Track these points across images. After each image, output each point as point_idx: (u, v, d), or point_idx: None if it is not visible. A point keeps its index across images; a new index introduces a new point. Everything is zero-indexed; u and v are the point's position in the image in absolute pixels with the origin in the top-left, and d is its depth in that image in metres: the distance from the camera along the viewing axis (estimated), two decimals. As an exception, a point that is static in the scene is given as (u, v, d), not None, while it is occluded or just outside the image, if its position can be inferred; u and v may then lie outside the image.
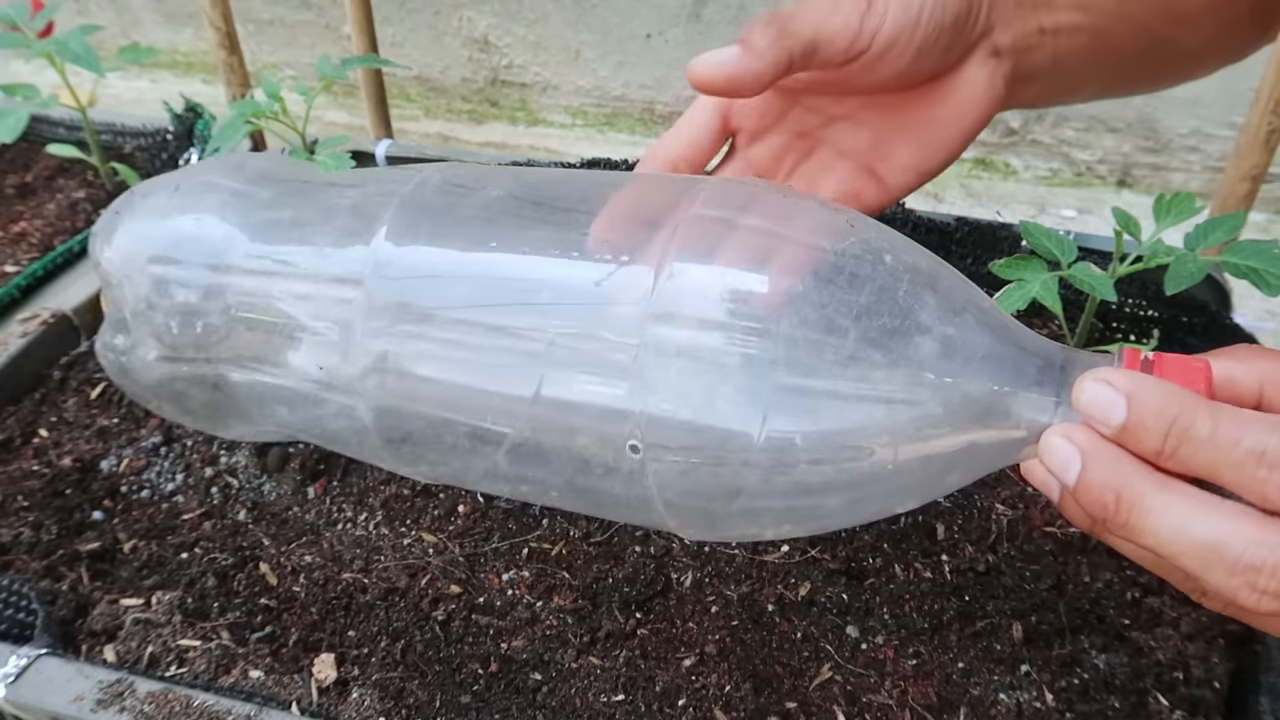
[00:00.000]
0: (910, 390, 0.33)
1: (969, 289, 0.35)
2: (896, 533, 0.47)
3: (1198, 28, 0.54)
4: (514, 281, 0.38)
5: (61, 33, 0.63)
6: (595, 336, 0.36)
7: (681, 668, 0.42)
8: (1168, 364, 0.31)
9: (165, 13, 1.71)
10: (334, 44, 1.63)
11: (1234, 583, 0.28)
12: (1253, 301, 1.13)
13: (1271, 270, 0.43)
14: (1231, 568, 0.28)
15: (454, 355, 0.39)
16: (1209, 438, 0.29)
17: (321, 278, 0.41)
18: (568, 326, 0.36)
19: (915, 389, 0.33)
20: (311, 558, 0.47)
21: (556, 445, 0.37)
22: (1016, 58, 0.49)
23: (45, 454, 0.52)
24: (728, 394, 0.34)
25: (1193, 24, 0.54)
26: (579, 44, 1.55)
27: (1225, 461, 0.28)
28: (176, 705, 0.39)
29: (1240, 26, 0.55)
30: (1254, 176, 0.53)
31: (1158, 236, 0.46)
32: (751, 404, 0.34)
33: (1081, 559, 0.46)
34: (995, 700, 0.41)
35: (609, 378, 0.35)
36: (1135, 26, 0.52)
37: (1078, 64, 0.50)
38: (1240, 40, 0.54)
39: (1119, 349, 0.32)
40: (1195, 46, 0.55)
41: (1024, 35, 0.49)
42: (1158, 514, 0.29)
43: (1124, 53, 0.52)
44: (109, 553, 0.47)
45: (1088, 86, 0.54)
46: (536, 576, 0.46)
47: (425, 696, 0.41)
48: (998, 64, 0.48)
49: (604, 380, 0.36)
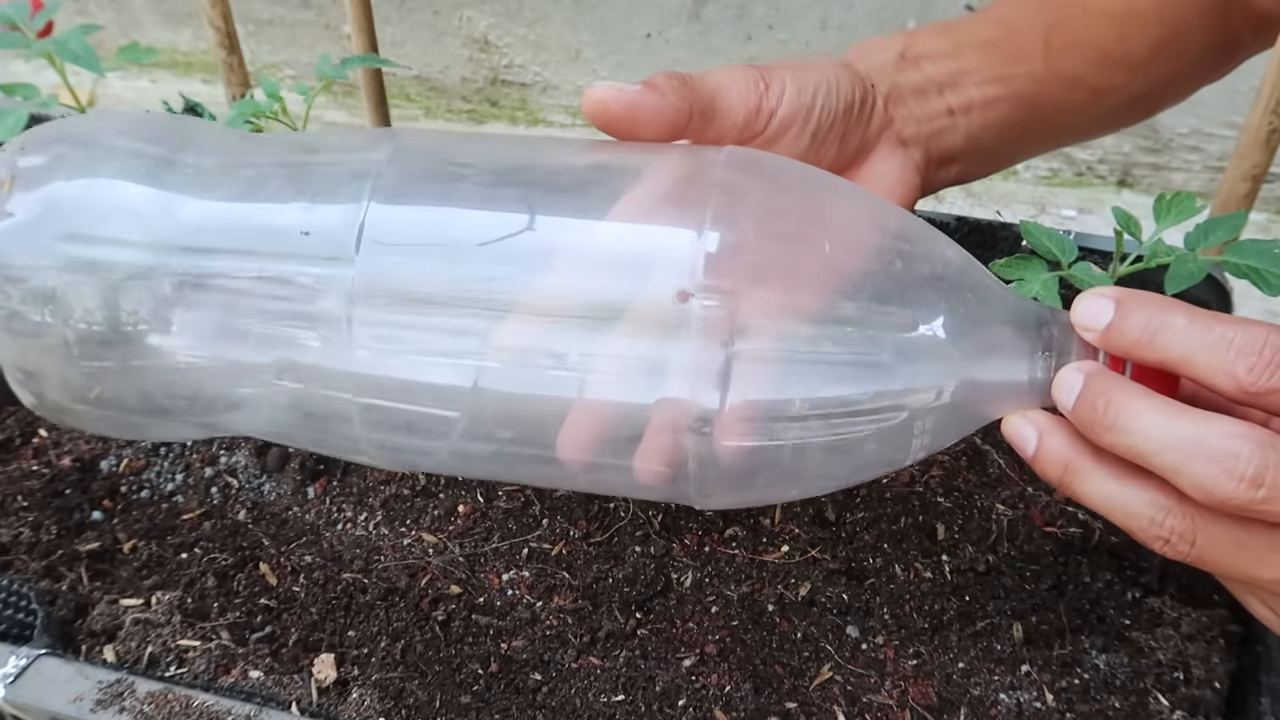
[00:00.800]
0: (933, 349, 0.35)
1: (972, 264, 0.37)
2: (896, 533, 0.47)
3: (1145, 72, 0.54)
4: (540, 254, 0.36)
5: (61, 32, 0.63)
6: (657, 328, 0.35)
7: (681, 668, 0.42)
8: None
9: (165, 12, 1.71)
10: (334, 44, 1.63)
11: (1212, 471, 0.29)
12: (1253, 301, 1.13)
13: (1272, 270, 0.43)
14: (1211, 455, 0.29)
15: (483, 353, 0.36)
16: (1185, 325, 0.31)
17: (295, 256, 0.37)
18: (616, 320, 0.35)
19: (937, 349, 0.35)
20: (311, 558, 0.47)
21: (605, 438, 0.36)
22: (926, 144, 0.48)
23: (45, 454, 0.52)
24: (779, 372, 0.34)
25: (1139, 70, 0.53)
26: (579, 44, 1.55)
27: (1199, 345, 0.31)
28: (176, 705, 0.39)
29: (1198, 64, 0.54)
30: (1254, 176, 0.53)
31: (1158, 236, 0.46)
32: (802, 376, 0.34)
33: (1082, 559, 0.46)
34: (995, 700, 0.41)
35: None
36: (1068, 81, 0.51)
37: (1001, 133, 0.50)
38: (1198, 76, 0.53)
39: None
40: (1145, 90, 0.54)
41: (928, 120, 0.48)
42: (1144, 413, 0.31)
43: (1061, 109, 0.52)
44: (109, 553, 0.47)
45: (1025, 148, 0.53)
46: (536, 576, 0.46)
47: (425, 696, 0.41)
48: (906, 154, 0.48)
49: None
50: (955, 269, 0.36)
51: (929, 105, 0.48)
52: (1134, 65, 0.52)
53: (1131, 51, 0.52)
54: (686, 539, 0.47)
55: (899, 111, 0.47)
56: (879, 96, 0.46)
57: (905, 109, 0.47)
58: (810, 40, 1.49)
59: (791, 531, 0.47)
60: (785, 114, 0.42)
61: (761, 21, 1.49)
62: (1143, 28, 0.52)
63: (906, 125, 0.48)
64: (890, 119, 0.47)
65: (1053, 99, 0.51)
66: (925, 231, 0.37)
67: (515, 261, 0.36)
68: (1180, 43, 0.54)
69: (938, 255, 0.36)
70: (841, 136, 0.45)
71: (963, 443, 0.51)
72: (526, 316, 0.35)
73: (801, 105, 0.42)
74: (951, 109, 0.49)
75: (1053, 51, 0.50)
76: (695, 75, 0.40)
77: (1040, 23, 0.51)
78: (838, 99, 0.43)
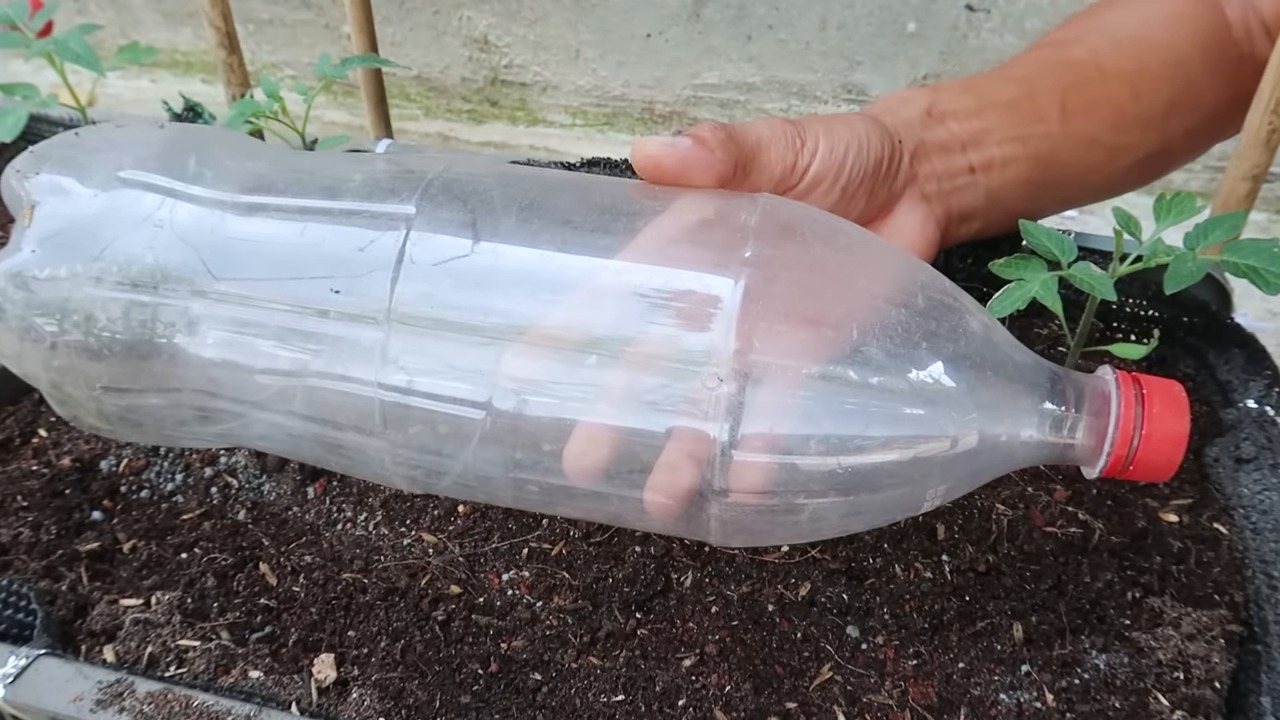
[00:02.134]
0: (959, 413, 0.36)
1: (994, 325, 0.38)
2: (896, 533, 0.47)
3: (1160, 129, 0.55)
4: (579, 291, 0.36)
5: (61, 32, 0.63)
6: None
7: (681, 668, 0.42)
8: (1154, 387, 0.37)
9: (165, 12, 1.71)
10: (334, 44, 1.63)
11: None
12: (1253, 301, 1.13)
13: (1271, 269, 0.43)
14: None
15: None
16: None
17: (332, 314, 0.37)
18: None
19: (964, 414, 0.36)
20: (311, 558, 0.47)
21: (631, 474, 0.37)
22: (947, 200, 0.50)
23: (45, 454, 0.52)
24: (810, 429, 0.35)
25: (1153, 127, 0.55)
26: (579, 44, 1.55)
27: None
28: (176, 705, 0.39)
29: (1212, 120, 0.55)
30: (1254, 176, 0.53)
31: (1158, 236, 0.46)
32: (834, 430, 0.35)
33: (1082, 559, 0.46)
34: (995, 700, 0.41)
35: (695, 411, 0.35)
36: (1085, 141, 0.53)
37: (1019, 191, 0.52)
38: (1213, 132, 0.54)
39: (1112, 374, 0.37)
40: (1160, 148, 0.55)
41: (950, 177, 0.50)
42: None
43: (1079, 168, 0.54)
44: (108, 553, 0.47)
45: (1044, 206, 0.55)
46: (536, 576, 0.46)
47: (425, 696, 0.41)
48: (928, 209, 0.50)
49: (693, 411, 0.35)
50: (977, 327, 0.37)
51: (952, 162, 0.50)
52: (1148, 123, 0.54)
53: (1145, 110, 0.54)
54: (686, 539, 0.47)
55: (924, 168, 0.49)
56: (905, 152, 0.48)
57: (929, 165, 0.49)
58: (810, 40, 1.49)
59: (791, 531, 0.47)
60: (818, 170, 0.44)
61: (761, 21, 1.49)
62: (1154, 86, 0.55)
63: (929, 182, 0.50)
64: (915, 174, 0.49)
65: (1071, 158, 0.53)
66: (948, 289, 0.38)
67: (550, 296, 0.36)
68: (1192, 99, 0.55)
69: (958, 315, 0.37)
70: (870, 191, 0.46)
71: (963, 443, 0.51)
72: (555, 347, 0.36)
73: (834, 162, 0.44)
74: (973, 167, 0.51)
75: (1069, 113, 0.52)
76: (738, 129, 0.42)
77: (1058, 84, 0.53)
78: (868, 155, 0.45)
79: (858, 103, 1.54)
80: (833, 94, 1.55)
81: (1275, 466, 0.47)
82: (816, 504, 0.35)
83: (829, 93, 1.55)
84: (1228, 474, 0.49)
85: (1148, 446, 0.36)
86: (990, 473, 0.38)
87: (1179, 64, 0.55)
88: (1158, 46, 0.55)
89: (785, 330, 0.35)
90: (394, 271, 0.36)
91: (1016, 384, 0.36)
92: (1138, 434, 0.36)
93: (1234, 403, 0.52)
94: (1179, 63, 0.55)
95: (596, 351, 0.35)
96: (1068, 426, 0.36)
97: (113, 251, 0.38)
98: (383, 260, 0.36)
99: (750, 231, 0.36)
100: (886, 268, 0.38)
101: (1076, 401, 0.37)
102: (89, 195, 0.39)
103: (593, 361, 0.35)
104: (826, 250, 0.38)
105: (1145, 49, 0.55)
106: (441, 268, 0.36)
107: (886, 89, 1.53)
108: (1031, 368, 0.37)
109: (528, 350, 0.36)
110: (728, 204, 0.38)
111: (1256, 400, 0.51)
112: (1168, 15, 0.57)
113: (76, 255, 0.38)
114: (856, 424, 0.34)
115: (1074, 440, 0.37)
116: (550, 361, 0.36)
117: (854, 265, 0.37)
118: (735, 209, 0.38)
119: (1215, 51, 0.56)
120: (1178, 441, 0.36)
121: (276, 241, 0.38)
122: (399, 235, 0.37)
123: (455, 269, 0.36)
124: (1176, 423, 0.36)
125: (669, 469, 0.35)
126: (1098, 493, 0.49)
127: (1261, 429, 0.50)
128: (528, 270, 0.36)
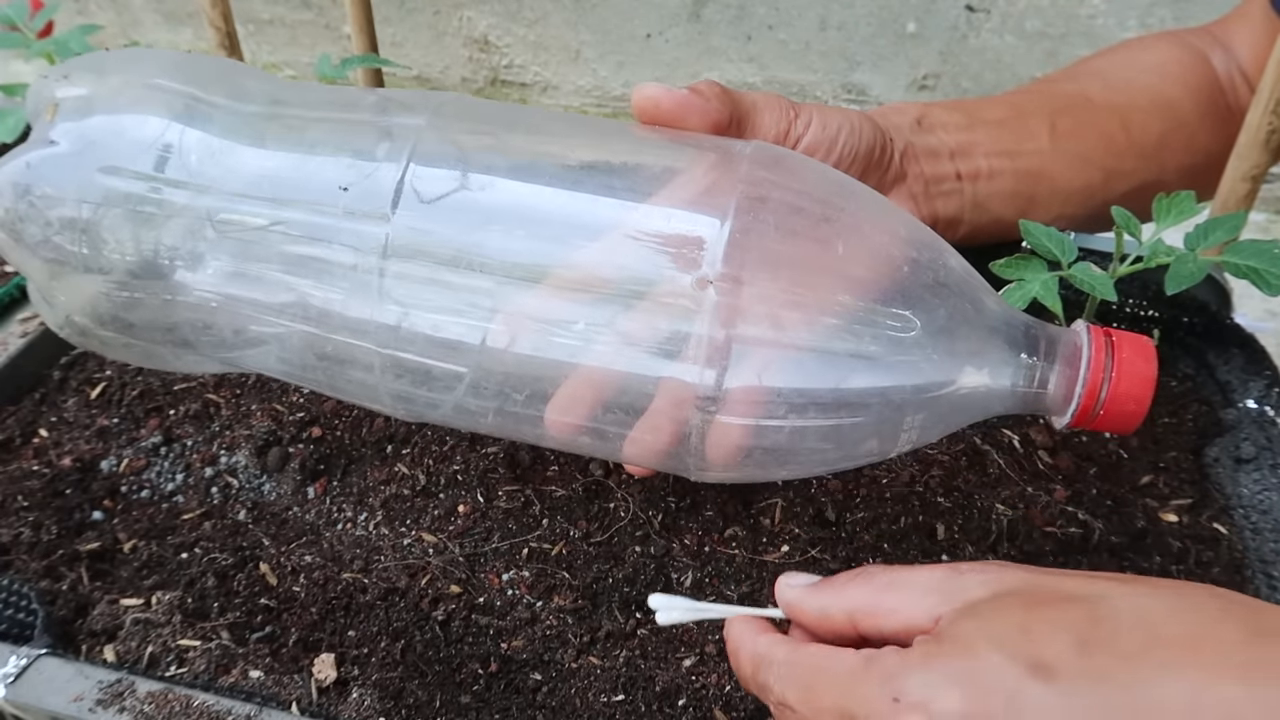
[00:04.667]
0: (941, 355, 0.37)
1: (972, 274, 0.39)
2: (896, 533, 0.47)
3: (1155, 160, 0.57)
4: (572, 226, 0.38)
5: (61, 32, 0.63)
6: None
7: (681, 668, 0.42)
8: (1124, 340, 0.37)
9: (165, 12, 1.71)
10: (334, 44, 1.63)
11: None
12: (1253, 301, 1.13)
13: (1271, 270, 0.43)
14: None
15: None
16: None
17: (335, 210, 0.38)
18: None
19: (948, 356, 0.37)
20: (311, 558, 0.47)
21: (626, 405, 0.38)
22: (933, 203, 0.52)
23: (45, 454, 0.52)
24: (797, 358, 0.36)
25: (1148, 157, 0.57)
26: (579, 44, 1.55)
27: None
28: (176, 705, 0.39)
29: (1211, 160, 0.57)
30: (1254, 176, 0.53)
31: (1158, 236, 0.46)
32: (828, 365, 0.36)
33: (1082, 559, 0.46)
34: (995, 700, 0.41)
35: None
36: (1077, 159, 0.55)
37: (1007, 202, 0.54)
38: (1215, 172, 0.55)
39: (1084, 327, 0.38)
40: (1157, 179, 0.57)
41: (936, 182, 0.52)
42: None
43: (1072, 184, 0.56)
44: (109, 553, 0.47)
45: (1039, 220, 0.56)
46: (536, 576, 0.46)
47: (425, 696, 0.41)
48: (915, 209, 0.51)
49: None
50: (956, 277, 0.38)
51: (939, 167, 0.51)
52: (1142, 153, 0.56)
53: (1136, 140, 0.56)
54: (686, 539, 0.47)
55: (912, 168, 0.50)
56: (895, 151, 0.49)
57: (918, 166, 0.51)
58: (810, 40, 1.50)
59: (791, 531, 0.47)
60: (810, 142, 0.45)
61: (761, 21, 1.49)
62: (1144, 121, 0.57)
63: (916, 183, 0.51)
64: (904, 173, 0.50)
65: (1063, 175, 0.54)
66: (931, 239, 0.39)
67: (547, 231, 0.38)
68: (1185, 138, 0.57)
69: (941, 263, 0.38)
70: (861, 175, 0.47)
71: (962, 443, 0.51)
72: (553, 286, 0.37)
73: (825, 138, 0.45)
74: (960, 174, 0.52)
75: (1059, 134, 0.54)
76: (734, 90, 0.43)
77: (1047, 109, 0.55)
78: (859, 140, 0.47)
79: (857, 103, 1.55)
80: (832, 94, 1.55)
81: (1275, 466, 0.47)
82: (796, 423, 0.36)
83: (829, 93, 1.55)
84: (1227, 474, 0.49)
85: (1115, 396, 0.36)
86: (966, 413, 0.39)
87: (1169, 105, 0.57)
88: (1148, 89, 0.58)
89: (775, 250, 0.36)
90: (400, 174, 0.38)
91: (993, 331, 0.37)
92: (1105, 385, 0.36)
93: (1234, 403, 0.52)
94: (1169, 104, 0.57)
95: (595, 295, 0.37)
96: (1039, 375, 0.38)
97: (133, 145, 0.39)
98: (392, 161, 0.38)
99: (745, 159, 0.38)
100: (874, 210, 0.39)
101: (1048, 352, 0.38)
102: (114, 94, 0.40)
103: (592, 304, 0.37)
104: (817, 184, 0.39)
105: (1136, 90, 0.57)
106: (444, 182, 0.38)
107: (886, 89, 1.54)
108: (1006, 317, 0.38)
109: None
110: (720, 153, 0.39)
111: (1256, 400, 0.52)
112: (1157, 63, 0.59)
113: (98, 148, 0.39)
114: (837, 363, 0.36)
115: (1045, 390, 0.38)
116: (550, 301, 0.37)
117: (842, 213, 0.38)
118: (726, 159, 0.39)
119: (1205, 98, 0.58)
120: (1144, 393, 0.36)
121: (292, 144, 0.40)
122: (408, 143, 0.38)
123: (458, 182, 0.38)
124: (1145, 368, 0.37)
125: (662, 407, 0.37)
126: (1097, 493, 0.49)
127: (1261, 429, 0.50)
128: (523, 197, 0.39)
